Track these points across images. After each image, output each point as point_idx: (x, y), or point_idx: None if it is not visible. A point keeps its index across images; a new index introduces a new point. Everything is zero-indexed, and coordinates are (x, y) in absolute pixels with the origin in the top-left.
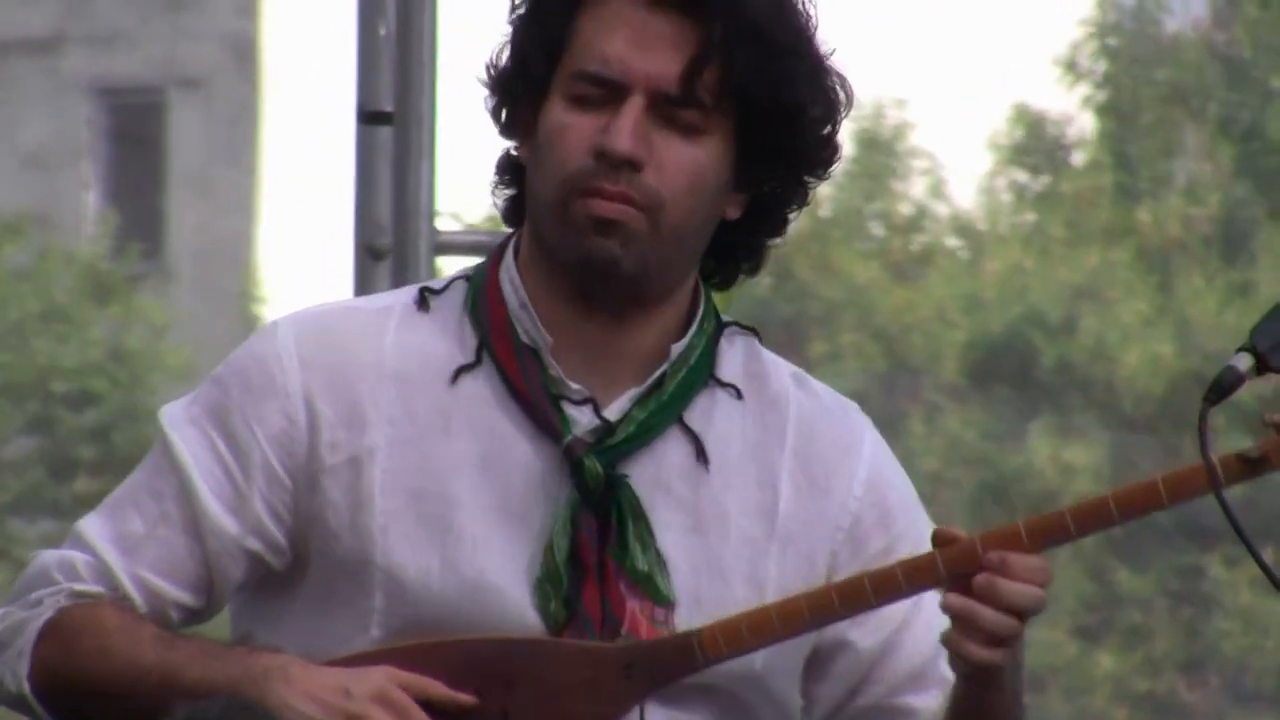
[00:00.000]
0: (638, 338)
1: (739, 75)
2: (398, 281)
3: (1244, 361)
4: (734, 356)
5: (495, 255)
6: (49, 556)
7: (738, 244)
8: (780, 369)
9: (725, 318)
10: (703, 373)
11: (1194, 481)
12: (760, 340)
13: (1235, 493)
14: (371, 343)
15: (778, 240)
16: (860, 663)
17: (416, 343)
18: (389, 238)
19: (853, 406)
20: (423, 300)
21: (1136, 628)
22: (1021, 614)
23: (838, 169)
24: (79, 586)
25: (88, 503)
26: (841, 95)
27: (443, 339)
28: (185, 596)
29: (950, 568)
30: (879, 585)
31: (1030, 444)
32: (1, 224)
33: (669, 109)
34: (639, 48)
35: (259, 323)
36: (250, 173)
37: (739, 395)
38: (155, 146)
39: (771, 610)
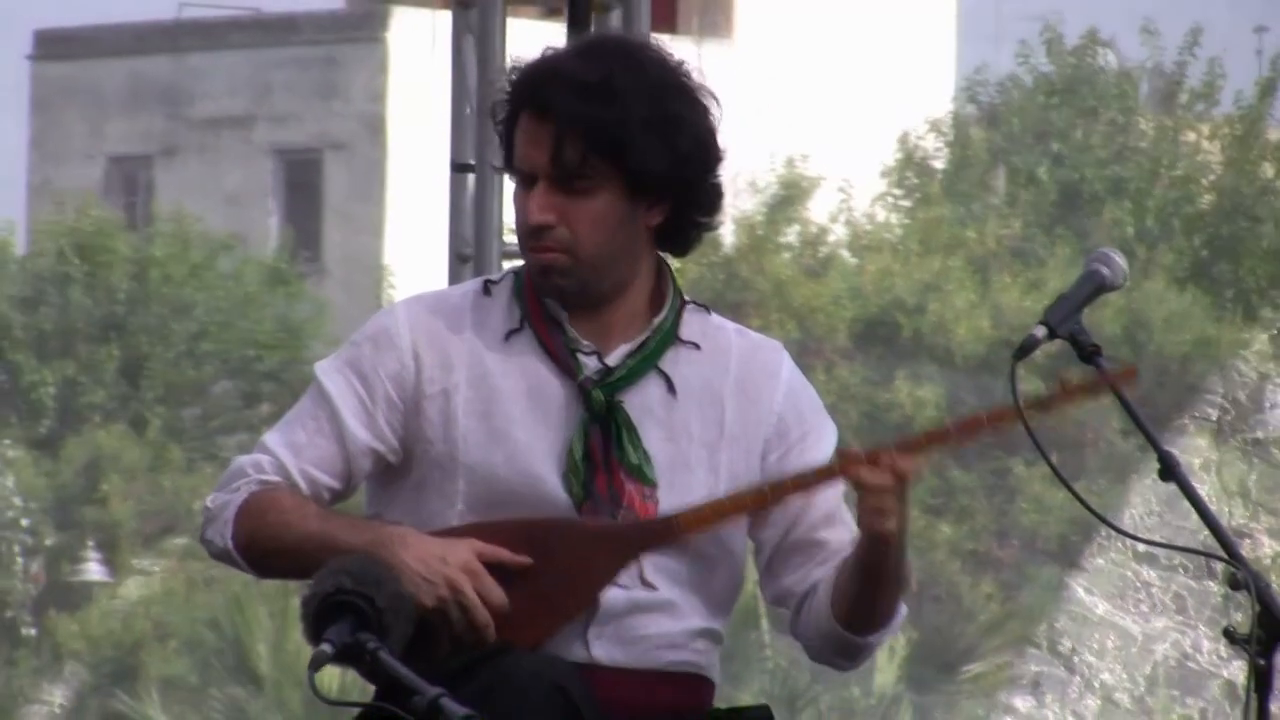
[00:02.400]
0: (616, 314)
1: (590, 145)
2: (500, 274)
3: (1040, 331)
4: (693, 322)
5: None
6: (243, 459)
7: (680, 228)
8: (726, 326)
9: (687, 297)
10: (672, 335)
11: (1009, 415)
12: (709, 311)
13: (1031, 414)
14: (455, 318)
15: (715, 219)
16: (790, 511)
17: (483, 316)
18: (472, 248)
19: (777, 345)
20: (486, 289)
21: (965, 507)
22: (889, 490)
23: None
24: (263, 477)
25: (268, 421)
26: (692, 115)
27: (499, 313)
28: (333, 483)
29: (844, 469)
30: (798, 481)
31: (895, 386)
32: (217, 242)
33: (563, 181)
34: (532, 146)
35: (384, 304)
36: (378, 206)
37: (697, 348)
38: (315, 189)
39: (726, 499)
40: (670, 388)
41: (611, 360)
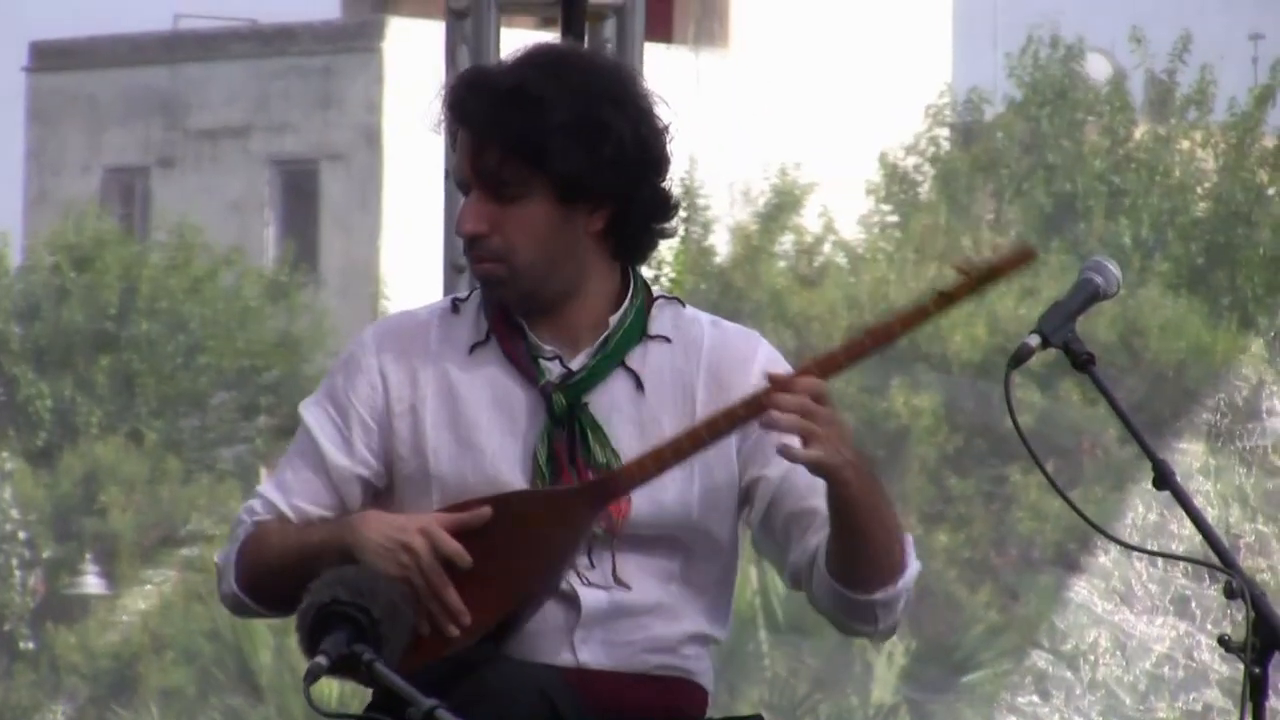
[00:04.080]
0: (574, 317)
1: (506, 151)
2: (472, 288)
3: (1034, 340)
4: (664, 317)
5: None
6: (243, 508)
7: (628, 234)
8: (701, 319)
9: (656, 290)
10: (637, 331)
11: (919, 314)
12: (683, 304)
13: (1028, 422)
14: (421, 335)
15: (667, 225)
16: (771, 486)
17: (450, 332)
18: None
19: (753, 334)
20: (454, 306)
21: (962, 515)
22: (803, 412)
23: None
24: (257, 519)
25: (265, 435)
26: (621, 120)
27: (466, 328)
28: (324, 514)
29: (770, 400)
30: (728, 416)
31: (891, 394)
32: (219, 255)
33: (493, 189)
34: (464, 158)
35: (381, 314)
36: (375, 216)
37: (668, 341)
38: (313, 199)
39: (665, 446)
40: (638, 384)
41: (575, 364)
